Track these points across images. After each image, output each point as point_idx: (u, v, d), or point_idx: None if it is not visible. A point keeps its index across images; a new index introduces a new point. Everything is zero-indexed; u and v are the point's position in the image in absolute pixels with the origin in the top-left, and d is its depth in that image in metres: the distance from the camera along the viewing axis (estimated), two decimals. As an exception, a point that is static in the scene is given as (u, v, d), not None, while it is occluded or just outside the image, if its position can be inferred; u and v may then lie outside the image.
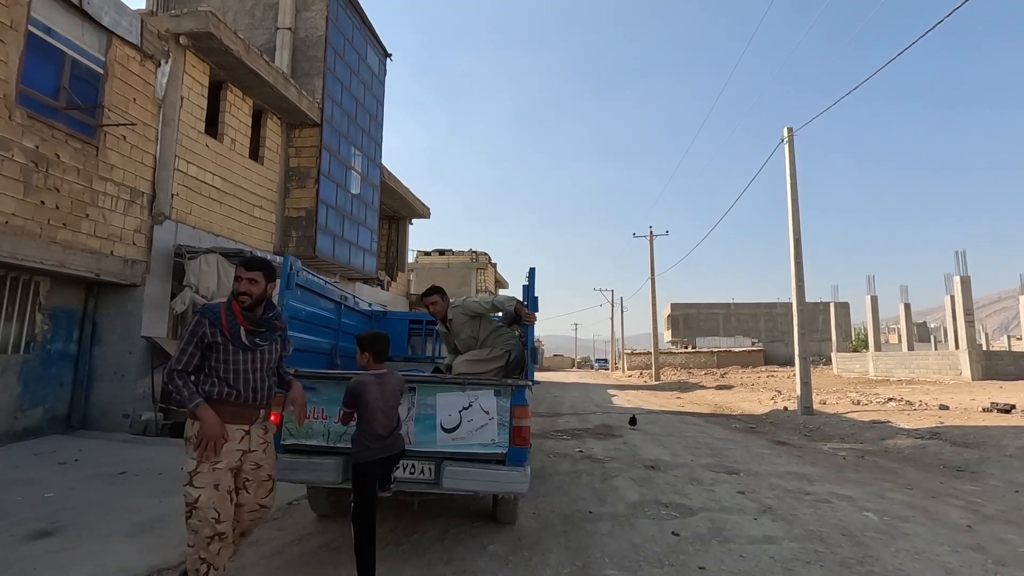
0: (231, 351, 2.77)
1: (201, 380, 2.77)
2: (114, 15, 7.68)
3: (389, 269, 19.16)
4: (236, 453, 2.78)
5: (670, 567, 3.67)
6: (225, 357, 2.76)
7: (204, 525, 2.62)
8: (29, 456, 6.42)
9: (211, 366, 2.77)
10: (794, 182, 14.30)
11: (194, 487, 2.66)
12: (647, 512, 4.95)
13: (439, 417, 3.68)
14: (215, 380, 2.76)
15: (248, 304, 2.81)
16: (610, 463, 7.23)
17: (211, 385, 2.75)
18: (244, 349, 2.79)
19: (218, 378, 2.76)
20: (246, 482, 2.87)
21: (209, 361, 2.77)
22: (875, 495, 5.76)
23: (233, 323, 2.77)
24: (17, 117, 6.46)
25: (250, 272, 2.80)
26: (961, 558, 3.95)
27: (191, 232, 9.08)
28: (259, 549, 3.87)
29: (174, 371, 2.72)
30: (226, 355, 2.76)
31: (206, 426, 2.64)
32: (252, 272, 2.81)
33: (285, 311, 3.84)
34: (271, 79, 10.36)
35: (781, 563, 3.77)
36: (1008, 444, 8.40)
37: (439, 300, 4.68)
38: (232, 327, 2.77)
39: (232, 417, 2.76)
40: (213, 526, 2.63)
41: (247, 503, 2.89)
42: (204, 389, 2.74)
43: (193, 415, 2.70)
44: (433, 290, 4.74)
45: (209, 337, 2.74)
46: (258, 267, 2.84)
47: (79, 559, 3.54)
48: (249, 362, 2.81)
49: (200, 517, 2.63)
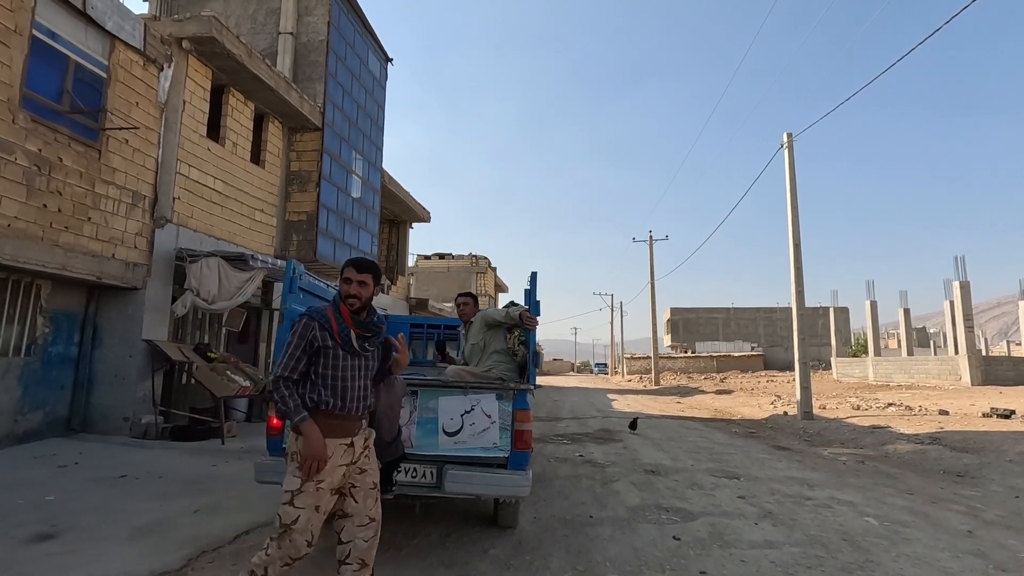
0: (340, 356, 2.61)
1: (308, 388, 2.61)
2: (118, 20, 7.72)
3: (389, 273, 19.17)
4: (340, 470, 2.59)
5: (671, 571, 3.67)
6: (334, 363, 2.60)
7: (292, 547, 2.48)
8: (29, 459, 6.41)
9: (318, 372, 2.60)
10: (793, 187, 14.34)
11: (294, 507, 2.48)
12: (648, 516, 4.95)
13: (441, 420, 3.69)
14: (321, 389, 2.59)
15: (356, 308, 2.67)
16: (610, 467, 7.23)
17: (317, 394, 2.59)
18: (353, 355, 2.64)
19: (325, 386, 2.59)
20: (352, 489, 2.67)
21: (316, 367, 2.60)
22: (876, 500, 5.76)
23: (343, 327, 2.62)
24: (20, 120, 6.48)
25: (361, 274, 2.66)
26: (962, 563, 3.95)
27: (192, 235, 9.10)
28: (256, 551, 3.86)
29: (280, 378, 2.55)
30: (335, 360, 2.60)
31: (309, 445, 2.47)
32: (363, 274, 2.67)
33: (287, 315, 3.85)
34: (273, 83, 10.40)
35: (782, 568, 3.77)
36: (1008, 450, 8.40)
37: (470, 303, 5.08)
38: (343, 331, 2.61)
39: (336, 431, 2.58)
40: (302, 550, 2.50)
41: (356, 513, 2.66)
42: (312, 399, 2.58)
43: (297, 430, 2.52)
44: (467, 294, 5.19)
45: (319, 341, 2.58)
46: (369, 269, 2.70)
47: (79, 562, 3.54)
48: (356, 369, 2.66)
49: (293, 540, 2.47)
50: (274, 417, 3.75)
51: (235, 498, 5.11)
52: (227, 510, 4.76)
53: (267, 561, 2.51)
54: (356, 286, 2.65)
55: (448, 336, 6.46)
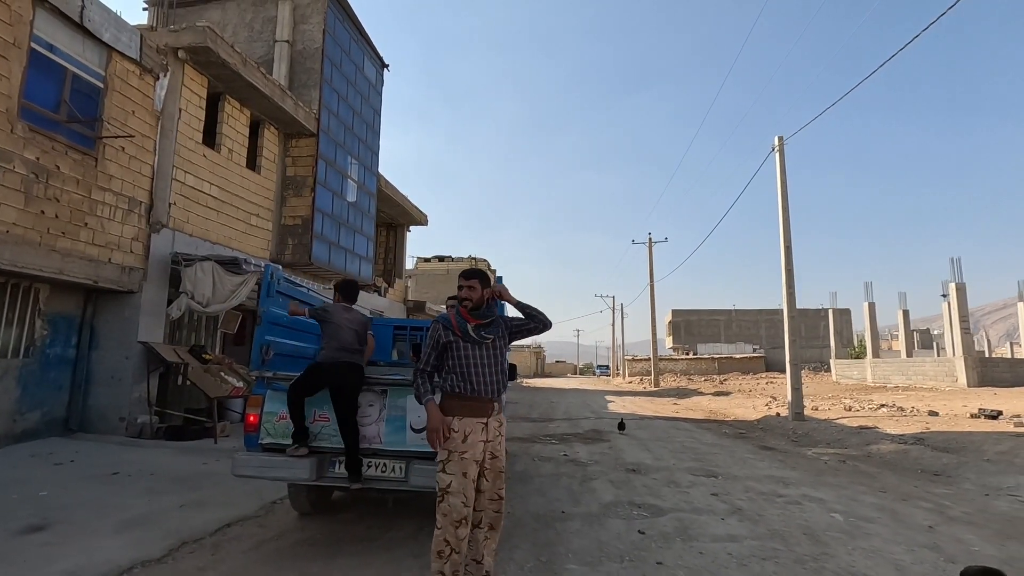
0: (462, 347, 3.14)
1: (443, 378, 3.17)
2: (114, 31, 7.96)
3: (387, 276, 19.38)
4: (479, 445, 3.06)
5: (629, 562, 3.83)
6: (458, 353, 3.14)
7: (453, 510, 2.92)
8: (27, 457, 6.62)
9: (448, 364, 3.16)
10: (784, 190, 14.47)
11: (446, 473, 2.98)
12: (619, 512, 5.11)
13: (409, 418, 3.87)
14: (453, 376, 3.13)
15: (470, 307, 3.24)
16: (592, 466, 7.39)
17: (451, 381, 3.13)
18: (473, 343, 3.17)
19: (455, 373, 3.13)
20: (485, 470, 3.13)
21: (446, 360, 3.17)
22: (847, 498, 5.89)
23: (461, 321, 3.20)
24: (19, 130, 6.72)
25: (468, 280, 3.26)
26: (915, 556, 4.09)
27: (188, 240, 9.33)
28: (240, 544, 4.06)
29: (418, 370, 3.15)
30: (459, 351, 3.14)
31: (429, 419, 3.02)
32: (470, 280, 3.26)
33: (266, 317, 4.04)
34: (268, 91, 10.63)
35: (737, 559, 3.93)
36: (988, 449, 8.52)
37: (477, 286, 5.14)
38: (460, 324, 3.19)
39: (470, 411, 3.07)
40: (461, 510, 2.93)
41: (487, 491, 3.15)
42: (447, 385, 3.13)
43: None
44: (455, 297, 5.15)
45: (443, 338, 3.16)
46: (475, 276, 3.28)
47: (67, 552, 3.74)
48: (480, 357, 3.15)
49: (450, 502, 2.93)
50: (251, 415, 3.94)
51: (221, 494, 5.31)
52: (212, 505, 4.95)
53: (442, 533, 2.92)
54: (467, 290, 3.24)
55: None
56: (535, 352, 75.61)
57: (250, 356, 4.25)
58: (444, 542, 2.91)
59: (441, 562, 2.90)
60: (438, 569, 2.91)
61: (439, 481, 2.98)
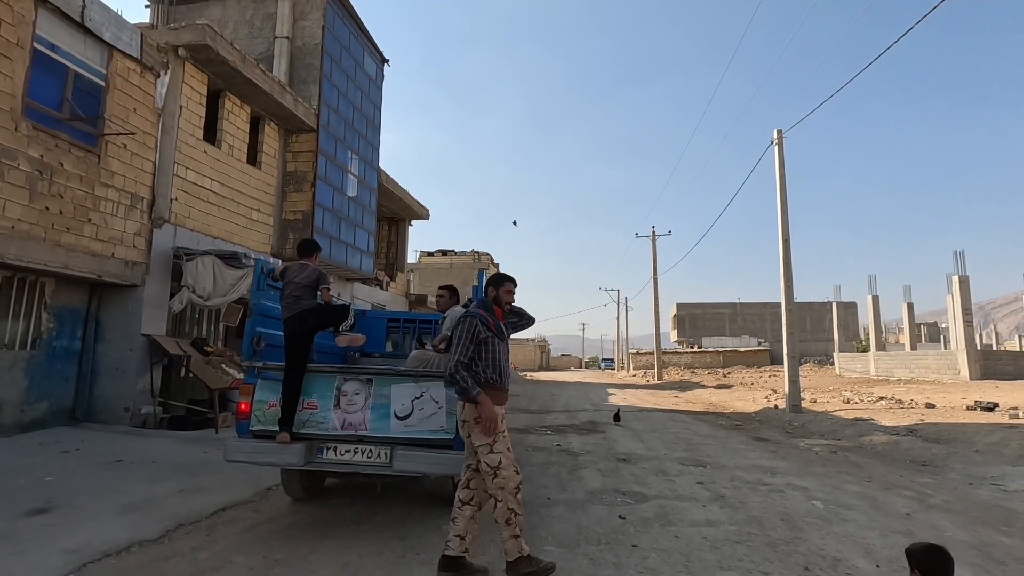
0: (496, 343, 3.52)
1: (480, 370, 3.45)
2: (115, 30, 8.11)
3: (389, 270, 19.56)
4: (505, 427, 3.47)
5: (605, 544, 3.98)
6: (492, 348, 3.50)
7: (508, 480, 3.28)
8: (34, 446, 6.85)
9: (483, 357, 3.47)
10: (783, 184, 14.48)
11: (495, 453, 3.31)
12: (603, 499, 5.25)
13: (393, 406, 4.02)
14: (489, 369, 3.47)
15: (508, 309, 3.76)
16: (584, 456, 7.53)
17: (486, 374, 3.46)
18: (503, 340, 3.60)
19: (489, 367, 3.48)
20: None
21: (480, 354, 3.47)
22: (831, 486, 6.00)
23: (496, 322, 3.59)
24: (23, 128, 6.90)
25: (514, 285, 3.78)
26: (886, 541, 4.21)
27: (190, 235, 9.51)
28: (233, 526, 4.24)
29: (460, 363, 3.38)
30: (493, 346, 3.50)
31: (487, 409, 3.31)
32: (514, 286, 3.78)
33: (257, 309, 4.20)
34: (267, 87, 10.77)
35: (711, 543, 4.06)
36: (978, 441, 8.59)
37: (445, 295, 5.36)
38: (496, 324, 3.57)
39: (500, 400, 3.50)
40: (514, 479, 3.31)
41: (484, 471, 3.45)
42: (484, 377, 3.43)
43: (474, 401, 3.33)
44: (446, 287, 5.47)
45: (482, 333, 3.47)
46: (515, 282, 3.78)
47: (69, 532, 3.93)
48: (504, 352, 3.59)
49: (505, 475, 3.28)
50: (242, 403, 4.11)
51: (219, 481, 5.50)
52: (210, 490, 5.14)
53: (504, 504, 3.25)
54: (511, 294, 3.75)
55: (423, 330, 6.79)
56: (539, 346, 75.75)
57: (242, 347, 4.41)
58: (508, 510, 3.24)
59: (511, 528, 3.24)
60: (511, 534, 3.24)
61: (489, 461, 3.28)
